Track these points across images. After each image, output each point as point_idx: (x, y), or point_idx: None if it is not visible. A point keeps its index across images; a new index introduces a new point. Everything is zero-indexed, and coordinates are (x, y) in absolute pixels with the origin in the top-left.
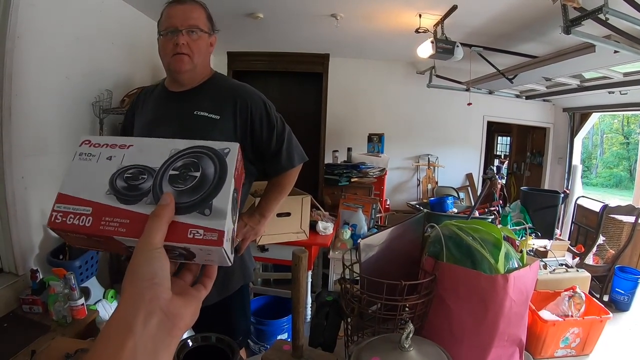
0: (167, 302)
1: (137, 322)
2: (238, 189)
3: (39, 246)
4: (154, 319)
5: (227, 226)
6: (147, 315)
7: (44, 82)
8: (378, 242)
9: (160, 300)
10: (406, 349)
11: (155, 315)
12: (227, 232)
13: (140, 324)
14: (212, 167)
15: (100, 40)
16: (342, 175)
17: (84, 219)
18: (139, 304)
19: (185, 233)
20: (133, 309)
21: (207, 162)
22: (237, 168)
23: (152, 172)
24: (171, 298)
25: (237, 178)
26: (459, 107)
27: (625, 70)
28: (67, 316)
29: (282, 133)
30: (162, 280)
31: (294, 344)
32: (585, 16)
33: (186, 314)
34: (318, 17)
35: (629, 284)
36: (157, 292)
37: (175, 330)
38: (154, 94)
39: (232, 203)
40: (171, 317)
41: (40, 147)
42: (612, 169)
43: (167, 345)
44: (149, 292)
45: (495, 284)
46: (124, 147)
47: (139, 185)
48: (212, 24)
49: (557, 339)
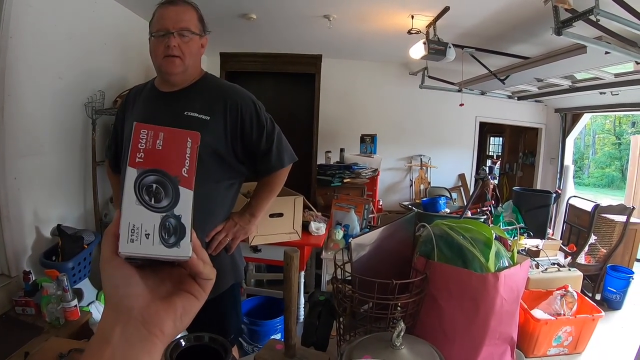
0: (143, 309)
1: (114, 332)
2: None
3: (31, 247)
4: (130, 327)
5: (124, 225)
6: (124, 325)
7: (36, 83)
8: (369, 242)
9: (134, 309)
10: (397, 348)
11: (130, 323)
12: (132, 230)
13: (117, 334)
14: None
15: (93, 41)
16: (335, 175)
17: None
18: (114, 315)
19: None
20: (109, 320)
21: None
22: (139, 149)
23: None
24: (148, 304)
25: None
26: (452, 108)
27: (617, 71)
28: (60, 318)
29: (271, 133)
30: (130, 290)
31: (287, 344)
32: (577, 17)
33: (167, 318)
34: (311, 18)
35: (620, 283)
36: (128, 302)
37: (154, 336)
38: (144, 94)
39: (140, 192)
40: (148, 323)
41: (33, 148)
42: (604, 169)
43: (148, 350)
44: (121, 303)
45: (486, 283)
46: None
47: None
48: (203, 26)
49: (550, 338)
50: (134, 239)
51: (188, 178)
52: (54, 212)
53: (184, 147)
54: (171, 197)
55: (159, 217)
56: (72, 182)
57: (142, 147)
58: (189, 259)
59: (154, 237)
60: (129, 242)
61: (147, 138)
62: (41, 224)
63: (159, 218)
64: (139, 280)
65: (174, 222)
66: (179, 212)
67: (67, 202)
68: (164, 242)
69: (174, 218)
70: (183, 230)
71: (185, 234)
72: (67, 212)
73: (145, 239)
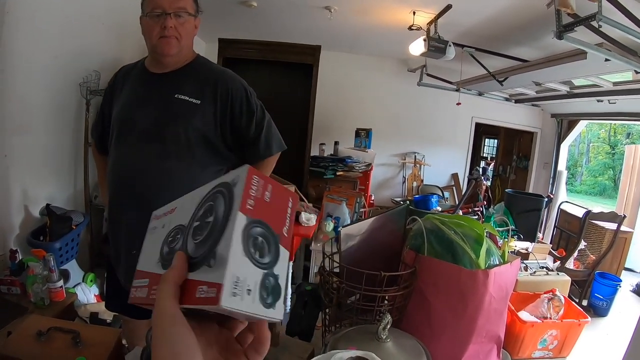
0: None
1: None
2: (269, 221)
3: (19, 226)
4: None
5: (229, 276)
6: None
7: (31, 60)
8: (359, 232)
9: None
10: (383, 340)
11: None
12: (236, 282)
13: None
14: (222, 207)
15: (90, 21)
16: (328, 168)
17: (143, 290)
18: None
19: (194, 292)
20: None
21: (220, 201)
22: (250, 196)
23: (184, 230)
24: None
25: (259, 208)
26: (448, 107)
27: (615, 80)
28: (45, 298)
29: (261, 120)
30: (186, 356)
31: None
32: (579, 22)
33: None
34: (312, 9)
35: (608, 290)
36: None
37: None
38: (133, 75)
39: (246, 243)
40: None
41: (25, 126)
42: (597, 178)
43: None
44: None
45: (475, 279)
46: (173, 211)
47: (175, 248)
48: (197, 6)
49: (535, 340)
50: (236, 292)
51: (287, 238)
52: (44, 191)
53: (286, 205)
54: (273, 255)
55: (261, 274)
56: (63, 162)
57: (253, 194)
58: (280, 322)
59: (255, 294)
60: (231, 295)
61: (258, 186)
62: (30, 203)
63: (261, 275)
64: (199, 351)
65: (273, 282)
66: (277, 271)
67: (58, 182)
68: (262, 300)
69: (273, 277)
70: (279, 291)
71: (281, 295)
72: (56, 192)
73: (247, 294)
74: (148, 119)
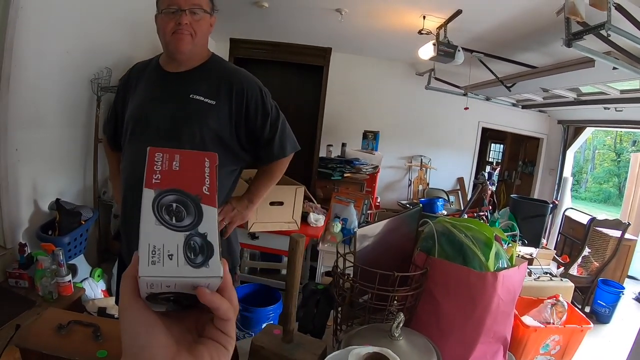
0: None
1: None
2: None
3: (29, 220)
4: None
5: (144, 247)
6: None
7: (44, 55)
8: (373, 233)
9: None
10: (396, 338)
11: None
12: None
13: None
14: None
15: (103, 17)
16: (336, 169)
17: None
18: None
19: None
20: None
21: None
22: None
23: None
24: (173, 357)
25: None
26: (455, 111)
27: (622, 88)
28: (53, 292)
29: (276, 121)
30: (152, 340)
31: (285, 329)
32: (588, 31)
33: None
34: (323, 11)
35: (611, 297)
36: (150, 354)
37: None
38: (148, 72)
39: (159, 213)
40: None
41: (36, 120)
42: (602, 185)
43: None
44: (141, 355)
45: (484, 281)
46: None
47: None
48: (213, 4)
49: (538, 345)
50: (155, 260)
51: (210, 195)
52: (53, 186)
53: (201, 167)
54: (194, 215)
55: (183, 237)
56: (73, 157)
57: (157, 169)
58: (221, 279)
59: (179, 258)
60: (149, 264)
61: (162, 161)
62: (39, 197)
63: (183, 237)
64: (162, 328)
65: (200, 241)
66: (203, 230)
67: (67, 177)
68: (190, 262)
69: (199, 236)
70: (211, 249)
71: (214, 252)
72: (66, 187)
73: (169, 259)
74: (164, 118)
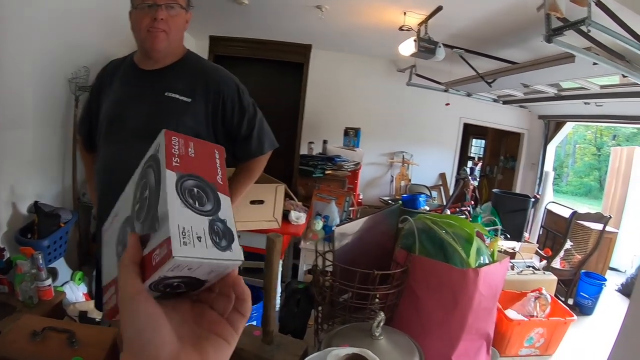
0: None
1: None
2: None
3: (7, 223)
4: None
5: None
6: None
7: (20, 54)
8: (352, 231)
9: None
10: (377, 338)
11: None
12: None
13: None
14: (152, 176)
15: (81, 15)
16: (317, 167)
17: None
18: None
19: (151, 262)
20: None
21: (150, 173)
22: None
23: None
24: (177, 354)
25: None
26: (437, 107)
27: (602, 83)
28: (33, 297)
29: (253, 118)
30: (157, 336)
31: (265, 330)
32: (568, 27)
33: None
34: (303, 7)
35: (593, 289)
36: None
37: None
38: (122, 70)
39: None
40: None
41: (13, 122)
42: (583, 178)
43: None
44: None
45: (466, 278)
46: (117, 216)
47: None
48: (189, 0)
49: (522, 338)
50: (186, 241)
51: (223, 185)
52: (32, 188)
53: (213, 156)
54: (213, 202)
55: (207, 221)
56: (51, 158)
57: (175, 152)
58: (242, 262)
59: (206, 240)
60: (182, 244)
61: (179, 145)
62: (18, 200)
63: (207, 221)
64: (167, 323)
65: (222, 226)
66: (223, 216)
67: (46, 179)
68: (216, 245)
69: (221, 222)
70: (231, 234)
71: (234, 238)
72: (44, 189)
73: (198, 241)
74: (139, 116)
